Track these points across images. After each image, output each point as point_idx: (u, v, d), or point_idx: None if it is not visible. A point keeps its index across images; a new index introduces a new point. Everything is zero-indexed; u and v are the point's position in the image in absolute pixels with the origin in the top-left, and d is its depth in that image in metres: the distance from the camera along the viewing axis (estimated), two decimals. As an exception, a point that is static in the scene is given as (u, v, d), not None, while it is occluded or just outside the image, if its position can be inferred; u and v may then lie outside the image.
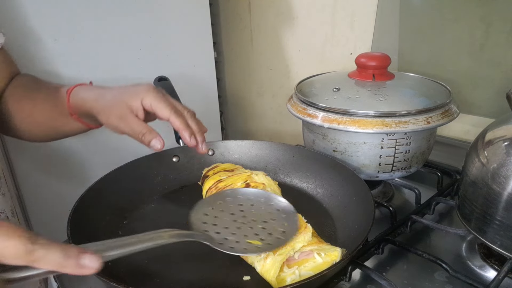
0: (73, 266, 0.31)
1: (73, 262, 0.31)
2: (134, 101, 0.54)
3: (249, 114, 1.47)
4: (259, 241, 0.47)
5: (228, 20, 1.37)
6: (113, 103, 0.55)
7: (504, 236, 0.46)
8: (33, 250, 0.29)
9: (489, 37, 0.78)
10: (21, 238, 0.29)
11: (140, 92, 0.55)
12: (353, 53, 1.02)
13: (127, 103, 0.54)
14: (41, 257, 0.29)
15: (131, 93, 0.55)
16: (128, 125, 0.54)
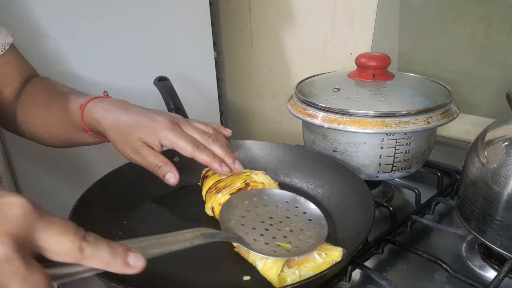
0: (119, 265, 0.31)
1: (120, 260, 0.31)
2: (151, 139, 0.52)
3: (249, 114, 1.47)
4: (288, 244, 0.46)
5: (228, 20, 1.37)
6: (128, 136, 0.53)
7: (504, 236, 0.46)
8: (84, 247, 0.29)
9: (489, 37, 0.78)
10: (75, 236, 0.29)
11: (158, 131, 0.52)
12: (353, 53, 1.02)
13: (143, 139, 0.52)
14: (90, 255, 0.29)
15: (148, 130, 0.53)
16: (143, 158, 0.53)
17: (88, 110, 0.56)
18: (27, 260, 0.26)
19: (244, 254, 0.50)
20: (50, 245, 0.28)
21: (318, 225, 0.50)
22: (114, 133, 0.54)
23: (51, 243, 0.28)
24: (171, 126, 0.53)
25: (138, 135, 0.52)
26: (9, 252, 0.25)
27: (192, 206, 0.64)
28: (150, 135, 0.52)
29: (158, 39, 1.04)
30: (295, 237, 0.47)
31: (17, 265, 0.25)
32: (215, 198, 0.59)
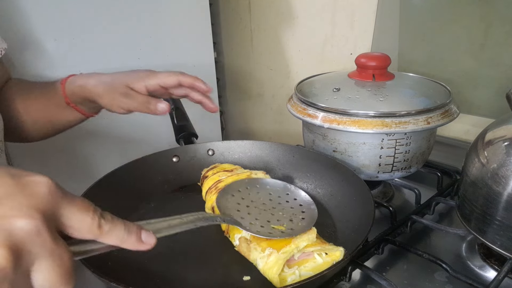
0: (133, 242, 0.33)
1: (134, 237, 0.33)
2: (136, 84, 0.59)
3: (249, 114, 1.47)
4: (282, 226, 0.49)
5: (228, 20, 1.37)
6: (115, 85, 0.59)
7: (504, 236, 0.46)
8: (102, 224, 0.31)
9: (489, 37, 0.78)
10: (94, 213, 0.30)
11: (142, 77, 0.60)
12: (353, 53, 1.02)
13: (130, 85, 0.58)
14: (108, 232, 0.31)
15: (133, 78, 0.59)
16: (133, 99, 0.58)
17: (71, 81, 0.62)
18: (54, 234, 0.28)
19: (245, 253, 0.50)
20: (72, 222, 0.29)
21: (308, 209, 0.53)
22: (101, 88, 0.59)
23: (73, 219, 0.29)
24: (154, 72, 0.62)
25: (125, 82, 0.59)
26: (39, 225, 0.26)
27: (192, 206, 0.63)
28: (136, 80, 0.59)
29: (158, 39, 1.04)
30: (288, 220, 0.50)
31: (45, 238, 0.27)
32: (215, 198, 0.59)
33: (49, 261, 0.27)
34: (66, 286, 0.28)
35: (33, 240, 0.26)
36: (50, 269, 0.27)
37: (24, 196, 0.27)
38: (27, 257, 0.26)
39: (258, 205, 0.52)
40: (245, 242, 0.50)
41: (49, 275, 0.27)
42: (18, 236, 0.26)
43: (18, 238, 0.26)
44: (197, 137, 0.76)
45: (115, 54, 0.97)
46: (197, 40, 1.13)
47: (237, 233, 0.52)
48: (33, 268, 0.27)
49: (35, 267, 0.27)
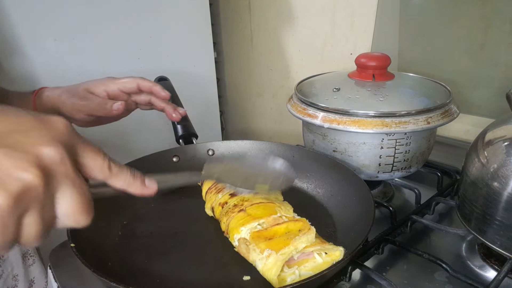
0: (138, 185, 0.37)
1: (139, 181, 0.37)
2: (96, 88, 0.62)
3: (249, 114, 1.47)
4: (266, 185, 0.54)
5: (228, 20, 1.37)
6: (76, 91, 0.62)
7: (504, 236, 0.46)
8: (112, 166, 0.34)
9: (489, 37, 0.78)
10: (105, 156, 0.34)
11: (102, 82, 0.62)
12: (353, 53, 1.02)
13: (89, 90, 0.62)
14: (116, 174, 0.34)
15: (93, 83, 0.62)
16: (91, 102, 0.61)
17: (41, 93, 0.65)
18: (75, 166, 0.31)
19: (244, 254, 0.50)
20: (86, 160, 0.32)
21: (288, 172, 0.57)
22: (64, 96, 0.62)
23: (87, 158, 0.32)
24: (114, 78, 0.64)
25: (85, 87, 0.62)
26: (62, 154, 0.29)
27: (192, 206, 0.64)
28: (96, 85, 0.62)
29: (158, 39, 1.04)
30: (271, 181, 0.55)
31: (68, 166, 0.30)
32: (215, 198, 0.59)
33: (71, 189, 0.30)
34: (86, 215, 0.31)
35: (58, 167, 0.29)
36: (72, 196, 0.30)
37: (47, 129, 0.30)
38: (53, 182, 0.29)
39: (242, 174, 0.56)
40: (244, 243, 0.50)
41: (72, 202, 0.30)
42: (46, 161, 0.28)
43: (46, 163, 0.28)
44: (197, 137, 0.76)
45: (115, 54, 0.97)
46: (197, 40, 1.13)
47: (236, 234, 0.52)
48: (57, 195, 0.29)
49: (59, 194, 0.29)
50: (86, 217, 0.31)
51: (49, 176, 0.28)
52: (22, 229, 0.28)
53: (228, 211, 0.55)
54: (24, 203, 0.27)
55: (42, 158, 0.28)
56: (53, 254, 0.61)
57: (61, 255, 0.60)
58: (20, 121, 0.30)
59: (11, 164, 0.26)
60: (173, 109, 0.67)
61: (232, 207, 0.55)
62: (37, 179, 0.27)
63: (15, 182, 0.26)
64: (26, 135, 0.28)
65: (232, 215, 0.54)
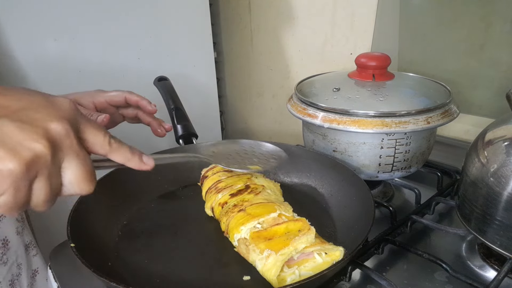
0: (137, 160, 0.40)
1: (137, 157, 0.40)
2: (84, 100, 0.62)
3: (249, 114, 1.47)
4: (259, 166, 0.57)
5: (228, 20, 1.37)
6: None
7: (504, 236, 0.46)
8: (112, 142, 0.37)
9: (489, 37, 0.78)
10: (105, 132, 0.37)
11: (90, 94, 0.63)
12: (353, 53, 1.02)
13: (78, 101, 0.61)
14: (116, 149, 0.38)
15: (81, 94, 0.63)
16: None
17: None
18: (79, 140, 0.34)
19: (244, 254, 0.50)
20: (88, 136, 0.35)
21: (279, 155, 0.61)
22: None
23: (89, 134, 0.35)
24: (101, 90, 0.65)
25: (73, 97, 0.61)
26: (68, 129, 0.33)
27: (192, 206, 0.64)
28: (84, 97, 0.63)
29: (158, 39, 1.04)
30: (263, 162, 0.58)
31: (72, 140, 0.33)
32: (215, 198, 0.59)
33: (76, 160, 0.33)
34: (89, 183, 0.35)
35: (64, 140, 0.32)
36: (77, 166, 0.33)
37: (54, 108, 0.33)
38: (60, 153, 0.32)
39: (236, 157, 0.59)
40: (244, 243, 0.50)
41: (76, 171, 0.33)
42: (53, 134, 0.32)
43: (53, 136, 0.32)
44: (197, 137, 0.76)
45: (115, 54, 0.97)
46: (197, 40, 1.13)
47: (236, 233, 0.52)
48: (63, 165, 0.33)
49: (65, 164, 0.33)
50: (90, 184, 0.35)
51: (56, 147, 0.32)
52: (32, 193, 0.32)
53: (228, 211, 0.55)
54: (34, 170, 0.30)
55: (50, 132, 0.32)
56: (53, 254, 0.61)
57: (61, 255, 0.60)
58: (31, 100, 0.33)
59: (24, 136, 0.30)
60: (158, 124, 0.68)
61: (232, 207, 0.55)
62: (45, 149, 0.31)
63: (27, 151, 0.30)
64: (36, 112, 0.32)
65: (232, 215, 0.54)
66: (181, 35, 1.09)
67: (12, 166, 0.29)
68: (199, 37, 1.14)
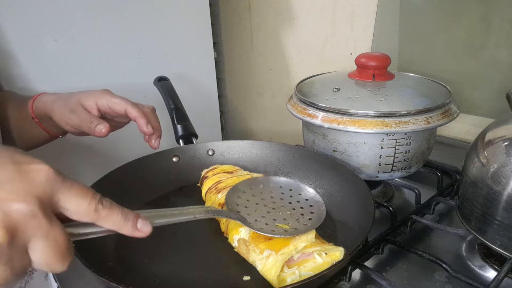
0: (129, 228, 0.35)
1: (130, 224, 0.35)
2: (87, 101, 0.61)
3: (249, 114, 1.47)
4: (287, 226, 0.49)
5: (228, 20, 1.37)
6: (69, 102, 0.61)
7: (504, 236, 0.46)
8: (99, 209, 0.33)
9: (489, 37, 0.78)
10: (91, 198, 0.33)
11: (95, 94, 0.61)
12: (353, 53, 1.02)
13: (81, 102, 0.61)
14: (105, 217, 0.33)
15: (86, 94, 0.62)
16: (77, 116, 0.60)
17: (39, 98, 0.65)
18: (49, 217, 0.30)
19: (244, 254, 0.50)
20: (70, 205, 0.32)
21: (317, 209, 0.53)
22: (56, 103, 0.62)
23: (70, 203, 0.32)
24: (108, 91, 0.63)
25: (77, 98, 0.61)
26: (34, 210, 0.29)
27: (192, 206, 0.64)
28: (89, 98, 0.61)
29: (158, 39, 1.04)
30: (294, 220, 0.50)
31: (40, 220, 0.29)
32: (215, 198, 0.59)
33: (43, 241, 0.30)
34: (60, 264, 0.31)
35: (28, 222, 0.29)
36: (44, 248, 0.30)
37: (22, 182, 0.30)
38: (22, 236, 0.29)
39: (267, 203, 0.53)
40: (243, 243, 0.50)
41: (44, 253, 0.30)
42: (14, 218, 0.28)
43: (14, 219, 0.28)
44: (197, 137, 0.76)
45: (115, 54, 0.97)
46: (197, 40, 1.13)
47: (235, 234, 0.52)
48: (29, 245, 0.30)
49: (31, 246, 0.30)
50: (61, 265, 0.31)
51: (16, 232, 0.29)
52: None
53: (228, 211, 0.55)
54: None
55: (11, 215, 0.28)
56: (53, 254, 0.60)
57: (61, 255, 0.60)
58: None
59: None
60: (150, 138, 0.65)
61: (232, 207, 0.55)
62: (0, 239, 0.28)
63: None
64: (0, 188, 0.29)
65: (232, 215, 0.54)
66: (181, 35, 1.09)
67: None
68: (199, 37, 1.14)
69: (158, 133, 0.65)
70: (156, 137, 0.65)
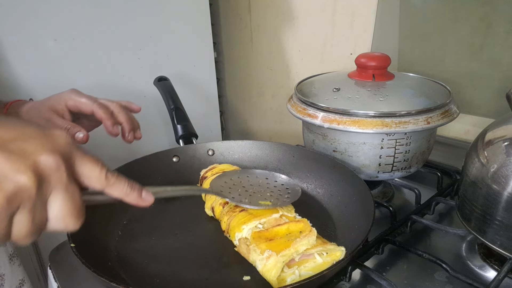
0: (135, 196, 0.39)
1: (135, 193, 0.39)
2: (58, 105, 0.61)
3: (249, 114, 1.47)
4: (269, 202, 0.54)
5: (228, 20, 1.37)
6: (40, 111, 0.61)
7: (504, 236, 0.47)
8: (109, 176, 0.36)
9: (489, 37, 0.78)
10: (102, 166, 0.36)
11: (63, 96, 0.62)
12: (353, 53, 1.02)
13: (52, 108, 0.61)
14: (113, 184, 0.37)
15: (56, 98, 0.62)
16: (54, 124, 0.60)
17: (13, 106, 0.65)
18: (69, 174, 0.33)
19: (245, 254, 0.50)
20: (83, 170, 0.35)
21: (293, 190, 0.58)
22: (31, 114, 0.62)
23: (85, 168, 0.35)
24: (75, 91, 0.63)
25: (48, 105, 0.61)
26: (59, 162, 0.32)
27: (192, 206, 0.64)
28: (58, 102, 0.61)
29: (158, 39, 1.04)
30: (274, 198, 0.56)
31: (62, 174, 0.32)
32: (215, 198, 0.59)
33: (63, 194, 0.32)
34: (74, 220, 0.33)
35: (53, 173, 0.31)
36: (63, 201, 0.32)
37: (48, 140, 0.33)
38: (47, 186, 0.31)
39: (248, 189, 0.58)
40: (244, 243, 0.50)
41: (62, 206, 0.32)
42: (42, 167, 0.31)
43: (42, 169, 0.31)
44: (197, 137, 0.76)
45: (115, 54, 0.97)
46: (197, 40, 1.13)
47: (238, 232, 0.52)
48: (50, 198, 0.32)
49: (51, 198, 0.32)
50: (75, 221, 0.34)
51: (43, 180, 0.31)
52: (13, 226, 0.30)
53: (229, 210, 0.55)
54: (16, 203, 0.29)
55: (39, 164, 0.31)
56: (53, 254, 0.61)
57: (61, 255, 0.60)
58: (25, 131, 0.32)
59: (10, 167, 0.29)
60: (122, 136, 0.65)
61: (233, 207, 0.56)
62: (30, 182, 0.29)
63: (9, 183, 0.29)
64: (28, 143, 0.31)
65: (233, 215, 0.54)
66: (181, 35, 1.09)
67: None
68: (199, 37, 1.14)
69: (130, 126, 0.64)
70: (128, 131, 0.64)
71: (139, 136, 0.66)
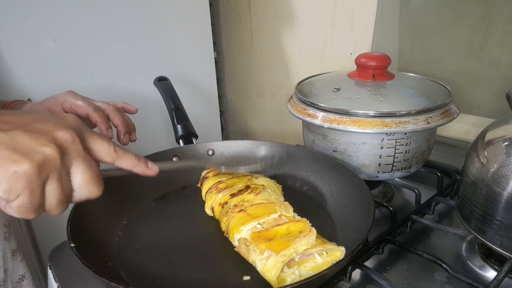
0: (142, 166, 0.42)
1: (142, 163, 0.42)
2: (55, 108, 0.62)
3: (249, 114, 1.47)
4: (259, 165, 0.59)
5: (228, 20, 1.37)
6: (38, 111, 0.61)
7: (504, 236, 0.47)
8: (117, 149, 0.40)
9: (489, 37, 0.78)
10: (110, 141, 0.39)
11: (59, 98, 0.62)
12: (353, 53, 1.02)
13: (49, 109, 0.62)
14: (122, 156, 0.40)
15: (53, 101, 0.63)
16: None
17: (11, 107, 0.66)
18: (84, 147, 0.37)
19: (244, 254, 0.50)
20: (94, 144, 0.38)
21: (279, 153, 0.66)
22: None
23: (95, 143, 0.38)
24: (72, 93, 0.64)
25: (45, 106, 0.62)
26: (73, 136, 0.36)
27: (192, 206, 0.64)
28: (55, 104, 0.62)
29: (158, 39, 1.04)
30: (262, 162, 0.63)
31: (78, 146, 0.36)
32: (215, 198, 0.59)
33: (83, 164, 0.36)
34: (98, 186, 0.37)
35: (70, 145, 0.35)
36: (84, 170, 0.36)
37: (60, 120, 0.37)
38: (68, 157, 0.35)
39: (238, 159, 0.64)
40: (244, 243, 0.50)
41: (84, 174, 0.36)
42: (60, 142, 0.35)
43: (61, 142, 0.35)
44: (197, 137, 0.76)
45: (115, 54, 0.97)
46: (197, 40, 1.13)
47: (236, 233, 0.52)
48: (71, 169, 0.35)
49: (73, 168, 0.35)
50: (98, 187, 0.37)
51: (64, 152, 0.35)
52: (46, 194, 0.34)
53: (228, 211, 0.55)
54: (46, 171, 0.33)
55: (58, 138, 0.35)
56: (53, 254, 0.61)
57: (61, 255, 0.60)
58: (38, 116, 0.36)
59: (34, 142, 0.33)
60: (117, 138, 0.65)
61: (232, 207, 0.55)
62: (55, 152, 0.33)
63: (38, 154, 0.33)
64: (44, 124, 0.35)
65: (232, 215, 0.54)
66: (181, 35, 1.09)
67: (26, 167, 0.32)
68: (199, 37, 1.14)
69: (125, 129, 0.65)
70: (123, 133, 0.65)
71: (134, 138, 0.67)
